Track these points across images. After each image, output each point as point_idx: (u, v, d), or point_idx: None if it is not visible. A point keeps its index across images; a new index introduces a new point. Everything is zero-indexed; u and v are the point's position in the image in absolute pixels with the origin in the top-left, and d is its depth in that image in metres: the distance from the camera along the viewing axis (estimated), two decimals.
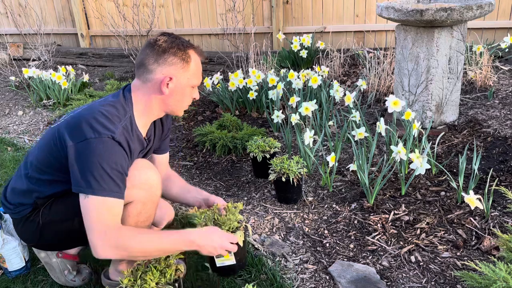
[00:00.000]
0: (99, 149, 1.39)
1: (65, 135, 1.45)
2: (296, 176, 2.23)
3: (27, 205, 1.60)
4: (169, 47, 1.52)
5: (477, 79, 3.47)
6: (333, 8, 4.82)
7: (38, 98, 4.28)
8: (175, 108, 1.62)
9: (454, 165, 2.46)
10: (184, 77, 1.55)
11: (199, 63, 1.60)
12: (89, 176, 1.38)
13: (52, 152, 1.50)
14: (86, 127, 1.42)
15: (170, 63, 1.52)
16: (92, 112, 1.47)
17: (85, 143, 1.40)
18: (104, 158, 1.39)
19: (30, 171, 1.58)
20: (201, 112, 3.73)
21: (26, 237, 1.69)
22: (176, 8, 5.46)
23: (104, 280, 1.76)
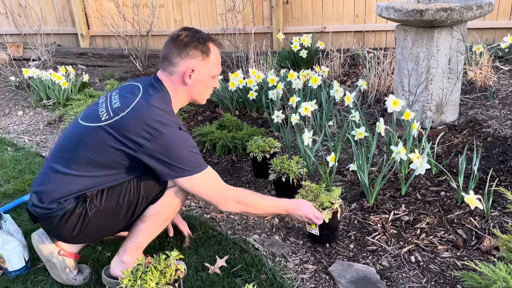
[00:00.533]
0: (179, 138, 1.59)
1: (135, 135, 1.56)
2: (296, 176, 2.23)
3: (72, 199, 1.62)
4: (190, 41, 1.67)
5: (477, 79, 3.47)
6: (333, 8, 4.82)
7: (38, 98, 4.28)
8: (199, 97, 1.79)
9: (454, 165, 2.46)
10: (205, 68, 1.71)
11: (219, 55, 1.76)
12: (184, 162, 1.59)
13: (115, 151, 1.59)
14: (156, 124, 1.57)
15: (191, 56, 1.68)
16: (152, 110, 1.60)
17: (165, 137, 1.56)
18: (187, 143, 1.61)
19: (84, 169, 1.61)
20: (201, 112, 3.73)
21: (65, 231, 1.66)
22: (176, 8, 5.46)
23: (104, 278, 1.77)
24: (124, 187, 1.65)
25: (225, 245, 1.99)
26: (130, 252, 1.74)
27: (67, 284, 1.82)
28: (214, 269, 1.83)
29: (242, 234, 2.09)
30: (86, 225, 1.64)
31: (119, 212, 1.66)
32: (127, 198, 1.65)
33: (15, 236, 1.92)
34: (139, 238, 1.74)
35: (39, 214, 1.65)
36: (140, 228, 1.73)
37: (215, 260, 1.88)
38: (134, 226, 1.74)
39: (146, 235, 1.74)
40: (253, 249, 1.97)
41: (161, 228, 1.78)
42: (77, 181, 1.61)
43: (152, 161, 1.58)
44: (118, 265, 1.75)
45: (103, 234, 1.79)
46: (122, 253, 1.76)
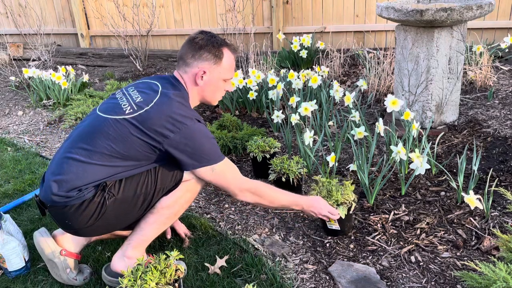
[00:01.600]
0: (201, 130, 1.68)
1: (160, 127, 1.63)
2: (296, 176, 2.23)
3: (91, 188, 1.63)
4: (205, 44, 1.76)
5: (477, 79, 3.47)
6: (333, 8, 4.82)
7: (38, 98, 4.28)
8: (210, 98, 1.87)
9: (454, 165, 2.46)
10: (216, 71, 1.79)
11: (232, 60, 1.84)
12: (206, 152, 1.68)
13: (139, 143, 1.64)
14: (179, 117, 1.65)
15: (204, 58, 1.76)
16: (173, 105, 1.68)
17: (188, 129, 1.65)
18: (208, 135, 1.70)
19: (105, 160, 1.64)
20: (201, 112, 3.73)
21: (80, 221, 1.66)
22: (176, 8, 5.46)
23: (104, 276, 1.77)
24: (142, 178, 1.70)
25: (225, 245, 1.99)
26: (135, 246, 1.75)
27: (68, 284, 1.82)
28: (214, 269, 1.83)
29: (242, 234, 2.09)
30: (103, 214, 1.66)
31: (136, 202, 1.69)
32: (144, 188, 1.69)
33: (15, 236, 1.92)
34: (146, 231, 1.75)
35: (57, 202, 1.64)
36: (149, 220, 1.74)
37: (215, 260, 1.88)
38: (143, 219, 1.75)
39: (153, 228, 1.76)
40: (253, 249, 1.97)
41: (169, 222, 1.80)
42: (98, 170, 1.64)
43: (177, 152, 1.65)
44: (120, 259, 1.75)
45: (116, 225, 1.78)
46: (126, 246, 1.76)
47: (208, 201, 2.43)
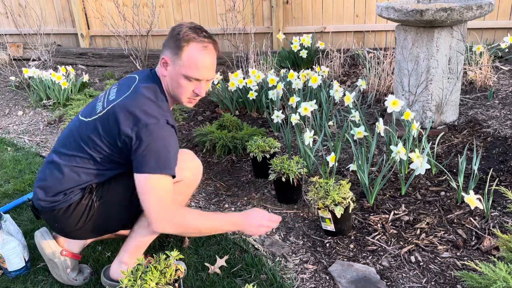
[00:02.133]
0: (161, 132, 1.53)
1: (122, 124, 1.54)
2: (296, 176, 2.23)
3: (78, 191, 1.63)
4: (176, 33, 1.61)
5: (477, 79, 3.47)
6: (333, 8, 4.82)
7: (38, 98, 4.28)
8: (175, 94, 1.68)
9: (454, 165, 2.46)
10: (176, 64, 1.62)
11: (198, 56, 1.60)
12: (155, 156, 1.51)
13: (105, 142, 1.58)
14: (141, 114, 1.54)
15: (168, 46, 1.63)
16: (140, 99, 1.58)
17: (146, 128, 1.52)
18: (166, 140, 1.54)
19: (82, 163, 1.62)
20: (201, 112, 3.73)
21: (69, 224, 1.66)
22: (176, 8, 5.46)
23: (104, 280, 1.77)
24: (125, 182, 1.64)
25: (225, 245, 1.99)
26: (131, 252, 1.74)
27: (68, 284, 1.82)
28: (214, 269, 1.83)
29: (242, 234, 2.09)
30: (91, 217, 1.65)
31: (124, 204, 1.67)
32: (132, 189, 1.63)
33: (15, 236, 1.92)
34: (141, 236, 1.73)
35: (45, 207, 1.65)
36: (143, 224, 1.71)
37: (215, 260, 1.88)
38: (137, 224, 1.73)
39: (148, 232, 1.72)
40: (253, 249, 1.97)
41: None
42: (81, 173, 1.63)
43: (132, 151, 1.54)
44: (118, 266, 1.74)
45: (106, 227, 1.77)
46: (123, 253, 1.75)
47: (208, 201, 2.43)
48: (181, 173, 1.67)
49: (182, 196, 1.75)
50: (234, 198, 2.44)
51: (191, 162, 1.82)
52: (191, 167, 1.80)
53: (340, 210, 1.91)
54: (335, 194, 1.93)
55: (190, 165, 1.80)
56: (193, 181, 1.80)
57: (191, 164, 1.80)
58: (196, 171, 1.83)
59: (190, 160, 1.82)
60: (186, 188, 1.75)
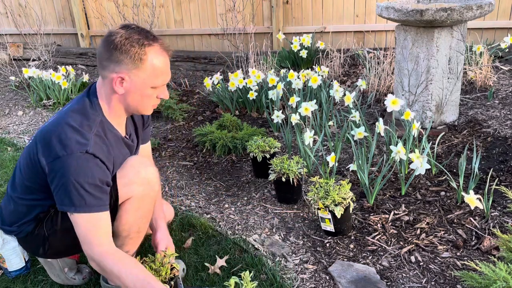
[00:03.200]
0: (73, 166, 1.38)
1: (39, 153, 1.45)
2: (296, 176, 2.23)
3: (29, 222, 1.61)
4: (122, 44, 1.40)
5: (477, 79, 3.47)
6: (333, 8, 4.82)
7: (38, 98, 4.28)
8: (137, 108, 1.53)
9: (454, 165, 2.46)
10: (138, 77, 1.44)
11: (161, 61, 1.46)
12: (68, 194, 1.39)
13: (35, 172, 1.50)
14: (56, 144, 1.40)
15: (121, 61, 1.41)
16: (60, 126, 1.43)
17: (58, 161, 1.39)
18: (80, 174, 1.38)
19: (22, 193, 1.58)
20: (201, 112, 3.73)
21: (34, 250, 1.69)
22: (176, 8, 5.46)
23: (103, 284, 1.76)
24: None
25: (225, 245, 1.99)
26: None
27: (66, 284, 1.82)
28: (214, 269, 1.83)
29: (242, 234, 2.09)
30: (50, 245, 1.62)
31: None
32: None
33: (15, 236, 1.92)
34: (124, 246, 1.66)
35: (7, 234, 1.68)
36: (118, 244, 1.59)
37: (215, 260, 1.88)
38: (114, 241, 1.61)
39: (128, 248, 1.66)
40: (253, 249, 1.97)
41: (139, 239, 1.68)
42: (21, 205, 1.59)
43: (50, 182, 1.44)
44: None
45: (73, 250, 1.71)
46: None
47: (208, 201, 2.43)
48: (128, 190, 1.54)
49: (140, 211, 1.59)
50: (234, 198, 2.44)
51: (139, 174, 1.57)
52: (140, 180, 1.56)
53: (340, 210, 1.91)
54: (335, 194, 1.93)
55: (139, 178, 1.56)
56: (146, 194, 1.58)
57: (140, 177, 1.57)
58: (146, 181, 1.57)
59: (138, 172, 1.57)
60: (141, 202, 1.57)
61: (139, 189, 1.55)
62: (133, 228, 1.61)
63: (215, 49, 5.36)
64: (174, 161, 2.93)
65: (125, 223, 1.58)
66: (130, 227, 1.60)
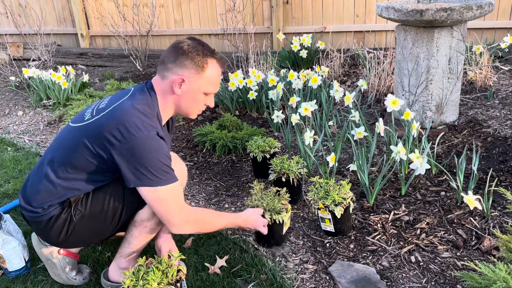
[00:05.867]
0: (152, 145, 1.51)
1: (108, 135, 1.51)
2: (296, 176, 2.23)
3: (57, 204, 1.61)
4: (189, 51, 1.60)
5: (477, 79, 3.47)
6: (333, 8, 4.82)
7: (38, 98, 4.28)
8: (186, 110, 1.70)
9: (454, 165, 2.46)
10: (196, 82, 1.63)
11: (217, 73, 1.67)
12: (151, 171, 1.50)
13: (90, 152, 1.55)
14: (131, 126, 1.51)
15: (185, 66, 1.60)
16: (130, 111, 1.55)
17: (137, 140, 1.49)
18: (159, 152, 1.52)
19: (63, 172, 1.59)
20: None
21: (53, 236, 1.66)
22: (176, 8, 5.46)
23: (104, 281, 1.76)
24: (109, 192, 1.62)
25: (225, 245, 2.00)
26: (127, 257, 1.74)
27: (67, 283, 1.82)
28: (214, 269, 1.83)
29: (242, 234, 2.09)
30: (72, 230, 1.63)
31: (105, 217, 1.64)
32: (112, 203, 1.62)
33: (15, 236, 1.92)
34: (134, 244, 1.72)
35: (27, 216, 1.66)
36: (134, 233, 1.70)
37: (215, 260, 1.88)
38: (128, 231, 1.72)
39: (140, 240, 1.72)
40: (253, 249, 1.97)
41: (154, 232, 1.74)
42: (58, 185, 1.59)
43: (121, 163, 1.52)
44: (116, 271, 1.74)
45: (91, 239, 1.76)
46: (119, 258, 1.75)
47: (208, 201, 2.43)
48: None
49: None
50: (234, 198, 2.44)
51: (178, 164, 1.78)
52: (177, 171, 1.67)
53: (340, 210, 1.91)
54: (335, 194, 1.93)
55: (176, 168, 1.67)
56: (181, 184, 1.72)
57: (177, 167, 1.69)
58: (181, 173, 1.79)
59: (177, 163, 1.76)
60: None
61: None
62: (155, 219, 1.68)
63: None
64: None
65: (152, 213, 1.65)
66: (153, 218, 1.67)
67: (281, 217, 1.88)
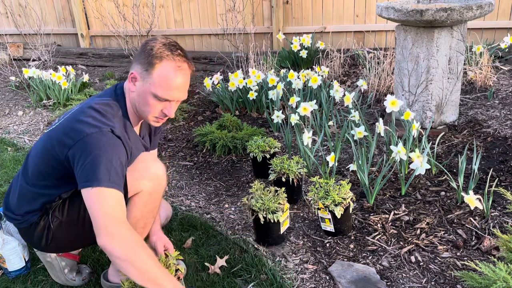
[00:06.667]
0: (102, 141, 1.41)
1: (64, 137, 1.46)
2: (296, 176, 2.23)
3: (35, 212, 1.61)
4: (150, 48, 1.50)
5: (477, 79, 3.47)
6: (333, 8, 4.82)
7: (38, 98, 4.28)
8: (141, 113, 1.57)
9: (454, 165, 2.46)
10: (146, 81, 1.50)
11: (170, 76, 1.48)
12: (95, 169, 1.37)
13: (52, 157, 1.51)
14: (83, 124, 1.44)
15: (139, 61, 1.51)
16: (86, 109, 1.49)
17: (87, 138, 1.41)
18: (108, 150, 1.41)
19: (34, 179, 1.58)
20: (201, 112, 3.73)
21: (36, 242, 1.68)
22: (176, 8, 5.46)
23: (103, 282, 1.76)
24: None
25: (225, 245, 1.99)
26: None
27: (66, 284, 1.82)
28: (214, 269, 1.83)
29: (242, 234, 2.09)
30: (52, 237, 1.62)
31: (83, 223, 1.59)
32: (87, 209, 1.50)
33: (15, 236, 1.92)
34: None
35: (10, 221, 1.67)
36: None
37: (215, 260, 1.88)
38: None
39: None
40: (253, 249, 1.97)
41: (143, 235, 1.70)
42: (32, 192, 1.59)
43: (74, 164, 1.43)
44: (115, 274, 1.73)
45: (74, 245, 1.73)
46: None
47: (208, 201, 2.43)
48: (138, 184, 1.59)
49: (148, 206, 1.64)
50: (234, 198, 2.44)
51: (149, 169, 1.63)
52: (150, 175, 1.62)
53: (340, 210, 1.91)
54: (335, 194, 1.93)
55: (148, 173, 1.63)
56: (155, 190, 1.64)
57: (149, 172, 1.63)
58: (155, 177, 1.64)
59: (148, 168, 1.64)
60: (150, 197, 1.62)
61: (149, 184, 1.61)
62: (139, 223, 1.64)
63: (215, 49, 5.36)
64: (174, 161, 2.93)
65: (133, 217, 1.61)
66: (137, 222, 1.63)
67: (276, 217, 1.88)
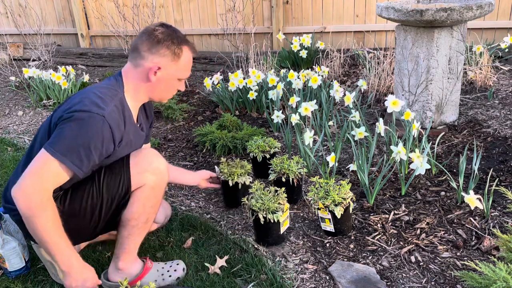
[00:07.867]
0: (80, 118, 1.47)
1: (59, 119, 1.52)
2: (296, 176, 2.23)
3: None
4: (164, 39, 1.61)
5: (477, 79, 3.47)
6: (333, 8, 4.82)
7: (38, 98, 4.28)
8: (160, 96, 1.72)
9: (454, 165, 2.46)
10: (172, 69, 1.65)
11: (190, 59, 1.71)
12: (62, 139, 1.45)
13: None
14: (77, 103, 1.52)
15: (162, 54, 1.62)
16: (85, 93, 1.57)
17: (70, 112, 1.49)
18: (84, 133, 1.46)
19: None
20: (201, 112, 3.73)
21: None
22: (176, 8, 5.46)
23: (104, 282, 1.76)
24: (86, 189, 1.60)
25: (225, 245, 1.99)
26: (123, 258, 1.72)
27: None
28: (214, 269, 1.83)
29: (242, 234, 2.09)
30: None
31: (84, 215, 1.61)
32: (90, 200, 1.60)
33: (15, 236, 1.92)
34: (126, 244, 1.70)
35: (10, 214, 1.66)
36: (123, 234, 1.68)
37: (215, 260, 1.88)
38: (118, 232, 1.70)
39: (131, 240, 1.69)
40: (253, 249, 1.97)
41: (145, 230, 1.72)
42: None
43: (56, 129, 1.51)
44: (115, 272, 1.74)
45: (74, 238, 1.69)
46: (116, 259, 1.74)
47: (208, 201, 2.43)
48: (141, 177, 1.62)
49: (151, 201, 1.67)
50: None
51: (152, 163, 1.66)
52: (153, 169, 1.65)
53: (340, 210, 1.90)
54: (335, 195, 1.93)
55: (151, 167, 1.66)
56: (157, 184, 1.67)
57: (152, 166, 1.66)
58: (158, 171, 1.67)
59: (151, 162, 1.67)
60: (152, 191, 1.65)
61: (152, 178, 1.64)
62: (141, 217, 1.65)
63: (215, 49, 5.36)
64: (174, 161, 2.93)
65: (136, 211, 1.63)
66: (139, 216, 1.65)
67: (276, 217, 1.88)
